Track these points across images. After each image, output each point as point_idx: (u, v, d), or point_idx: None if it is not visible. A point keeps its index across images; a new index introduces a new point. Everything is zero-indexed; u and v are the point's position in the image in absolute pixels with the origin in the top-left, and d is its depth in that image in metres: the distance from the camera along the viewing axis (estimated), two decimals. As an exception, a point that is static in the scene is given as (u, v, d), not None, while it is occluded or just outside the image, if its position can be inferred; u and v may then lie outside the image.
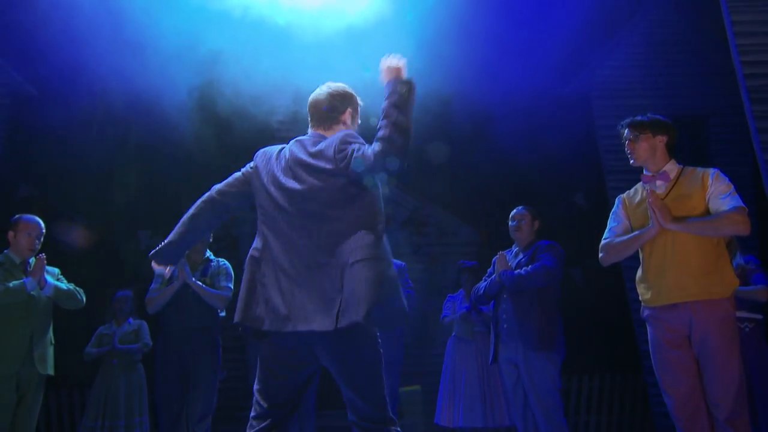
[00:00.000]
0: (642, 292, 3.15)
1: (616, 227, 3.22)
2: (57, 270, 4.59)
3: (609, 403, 7.53)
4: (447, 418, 5.90)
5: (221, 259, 4.80)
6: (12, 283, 4.23)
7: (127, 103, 6.62)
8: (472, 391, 5.81)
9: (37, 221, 4.45)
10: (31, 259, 4.43)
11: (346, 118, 2.63)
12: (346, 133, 2.49)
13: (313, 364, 2.46)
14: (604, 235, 3.25)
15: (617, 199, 3.35)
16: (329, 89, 2.64)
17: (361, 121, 2.73)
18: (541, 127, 7.10)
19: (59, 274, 4.59)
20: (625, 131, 3.23)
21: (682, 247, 2.99)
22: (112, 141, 7.28)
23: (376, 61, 2.51)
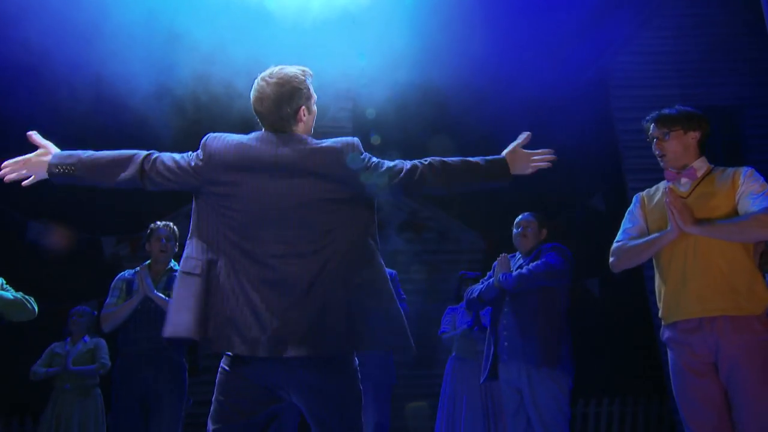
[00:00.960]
0: (660, 306, 2.99)
1: (631, 229, 3.08)
2: (1, 279, 4.22)
3: (630, 431, 7.38)
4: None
5: None
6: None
7: (91, 95, 6.53)
8: (474, 414, 5.55)
9: None
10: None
11: (302, 116, 2.39)
12: (345, 142, 2.36)
13: (282, 400, 2.26)
14: (616, 237, 3.10)
15: (635, 197, 3.18)
16: (275, 81, 2.35)
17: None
18: (554, 121, 6.97)
19: (5, 283, 4.22)
20: (651, 127, 3.04)
21: (705, 254, 2.84)
22: (72, 133, 7.06)
23: (371, 47, 2.26)
